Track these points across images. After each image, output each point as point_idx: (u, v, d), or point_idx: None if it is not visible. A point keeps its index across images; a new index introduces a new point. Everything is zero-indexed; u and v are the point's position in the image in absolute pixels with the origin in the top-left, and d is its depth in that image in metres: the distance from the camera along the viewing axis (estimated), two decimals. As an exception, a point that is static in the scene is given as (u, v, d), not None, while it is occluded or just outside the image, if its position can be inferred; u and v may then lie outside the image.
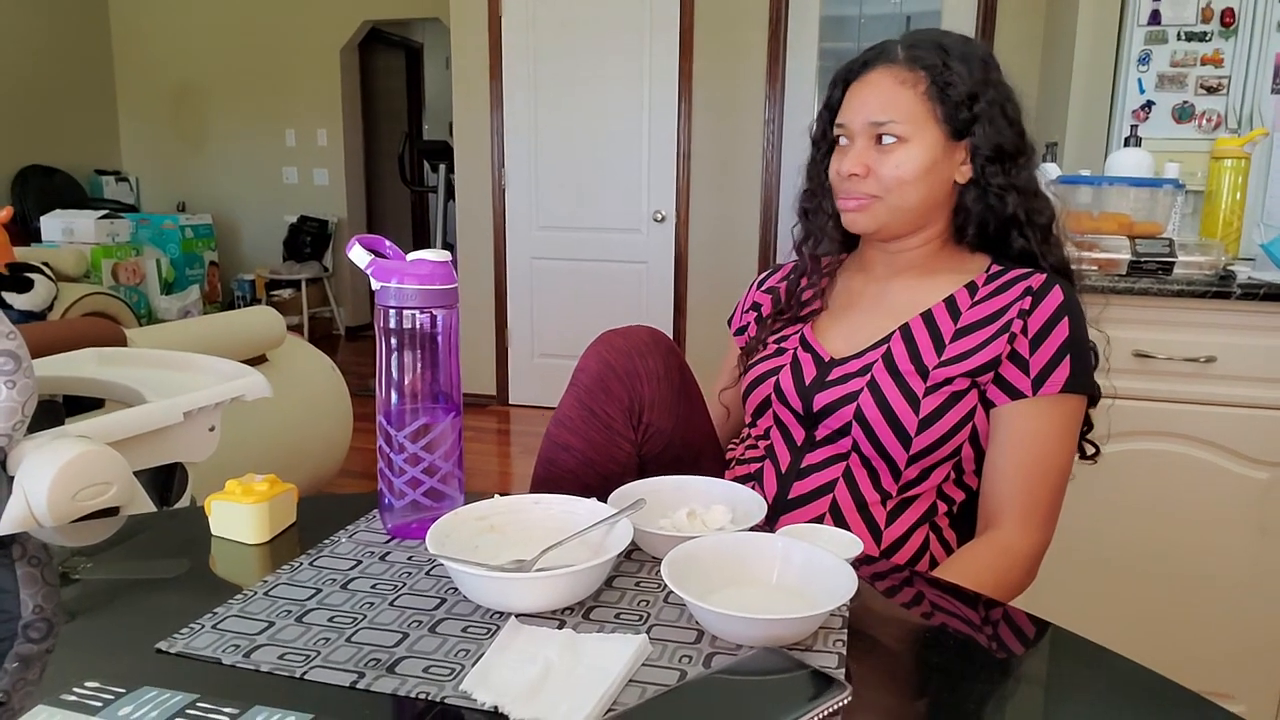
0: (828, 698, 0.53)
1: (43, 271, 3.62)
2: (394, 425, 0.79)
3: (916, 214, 1.02)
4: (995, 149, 0.99)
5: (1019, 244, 1.02)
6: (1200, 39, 2.92)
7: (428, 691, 0.56)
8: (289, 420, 2.48)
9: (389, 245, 0.80)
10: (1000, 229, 1.03)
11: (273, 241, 6.11)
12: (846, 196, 1.03)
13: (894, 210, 1.01)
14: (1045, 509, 0.97)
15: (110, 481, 1.17)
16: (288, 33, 5.90)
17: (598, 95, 4.05)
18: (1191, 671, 1.57)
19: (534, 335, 4.35)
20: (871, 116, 0.99)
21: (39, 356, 1.60)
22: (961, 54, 0.99)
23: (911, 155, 0.98)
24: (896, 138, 0.98)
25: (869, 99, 1.00)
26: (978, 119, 0.98)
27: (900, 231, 1.04)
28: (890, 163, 0.99)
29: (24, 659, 0.60)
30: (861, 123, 1.00)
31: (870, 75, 1.01)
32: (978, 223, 1.03)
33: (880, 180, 0.99)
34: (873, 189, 1.00)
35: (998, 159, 0.99)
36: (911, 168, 0.98)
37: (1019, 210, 1.01)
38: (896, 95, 0.98)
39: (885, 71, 1.00)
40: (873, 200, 1.00)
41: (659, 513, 0.82)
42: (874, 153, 0.99)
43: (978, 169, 1.00)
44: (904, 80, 0.98)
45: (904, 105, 0.98)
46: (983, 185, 1.00)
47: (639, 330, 1.04)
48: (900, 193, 0.99)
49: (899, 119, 0.98)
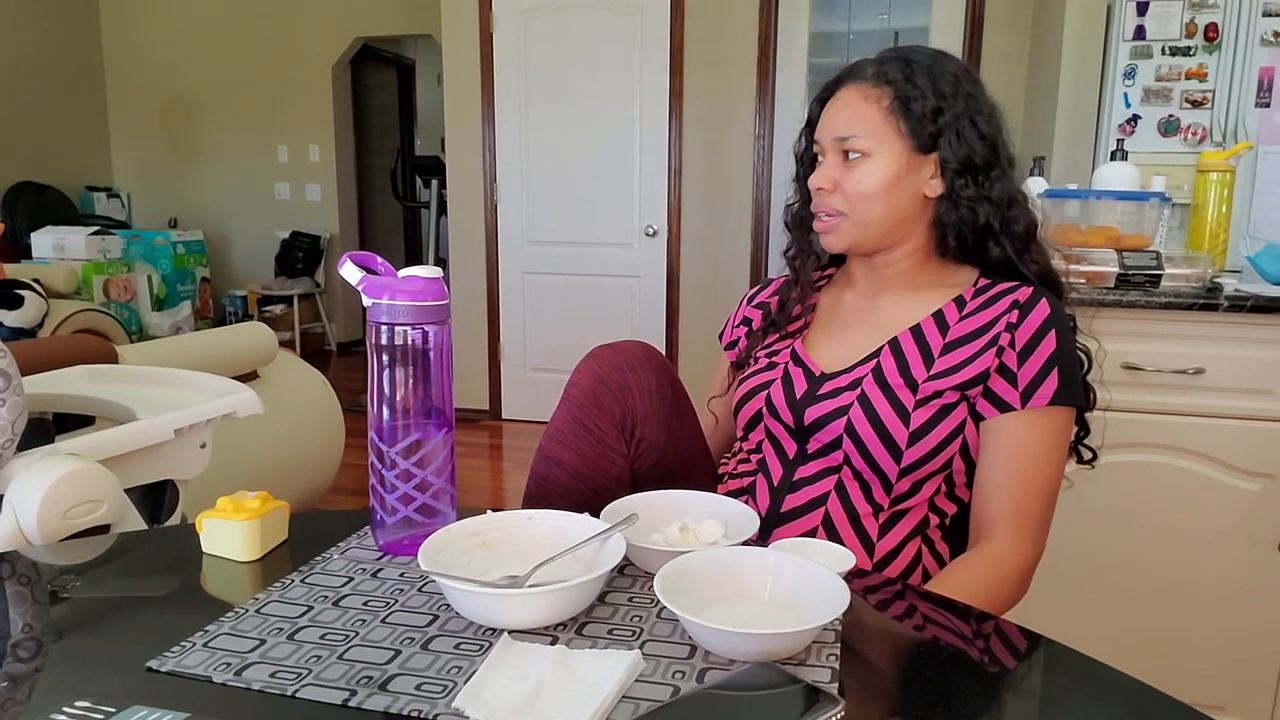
0: (821, 712, 0.53)
1: (33, 288, 3.61)
2: (386, 441, 0.79)
3: (885, 229, 1.03)
4: (963, 161, 1.00)
5: (996, 253, 1.03)
6: (1184, 53, 2.95)
7: (420, 709, 0.56)
8: (281, 437, 2.47)
9: (380, 262, 0.81)
10: (977, 239, 1.04)
11: (265, 257, 6.11)
12: (817, 213, 1.05)
13: (860, 226, 1.02)
14: (1036, 521, 0.98)
15: (101, 499, 1.17)
16: (280, 49, 5.92)
17: (589, 111, 4.08)
18: (1184, 683, 1.58)
19: (526, 350, 4.35)
20: (836, 132, 1.02)
21: (30, 374, 1.60)
22: (928, 69, 1.00)
23: (874, 169, 1.00)
24: (860, 153, 1.00)
25: (835, 116, 1.03)
26: (943, 132, 1.00)
27: (874, 247, 1.05)
28: (853, 177, 1.01)
29: (13, 679, 0.59)
30: (829, 139, 1.03)
31: (840, 93, 1.04)
32: (955, 234, 1.04)
33: (845, 195, 1.02)
34: (839, 204, 1.02)
35: (967, 171, 1.00)
36: (872, 182, 1.00)
37: (992, 220, 1.01)
38: (860, 111, 1.00)
39: (853, 88, 1.02)
40: (840, 218, 1.03)
41: (651, 527, 0.82)
42: (841, 168, 1.02)
43: (948, 182, 1.01)
44: (868, 96, 1.01)
45: (867, 120, 1.00)
46: (953, 198, 1.02)
47: (631, 345, 1.04)
48: (863, 207, 1.01)
49: (861, 134, 1.00)
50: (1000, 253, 1.03)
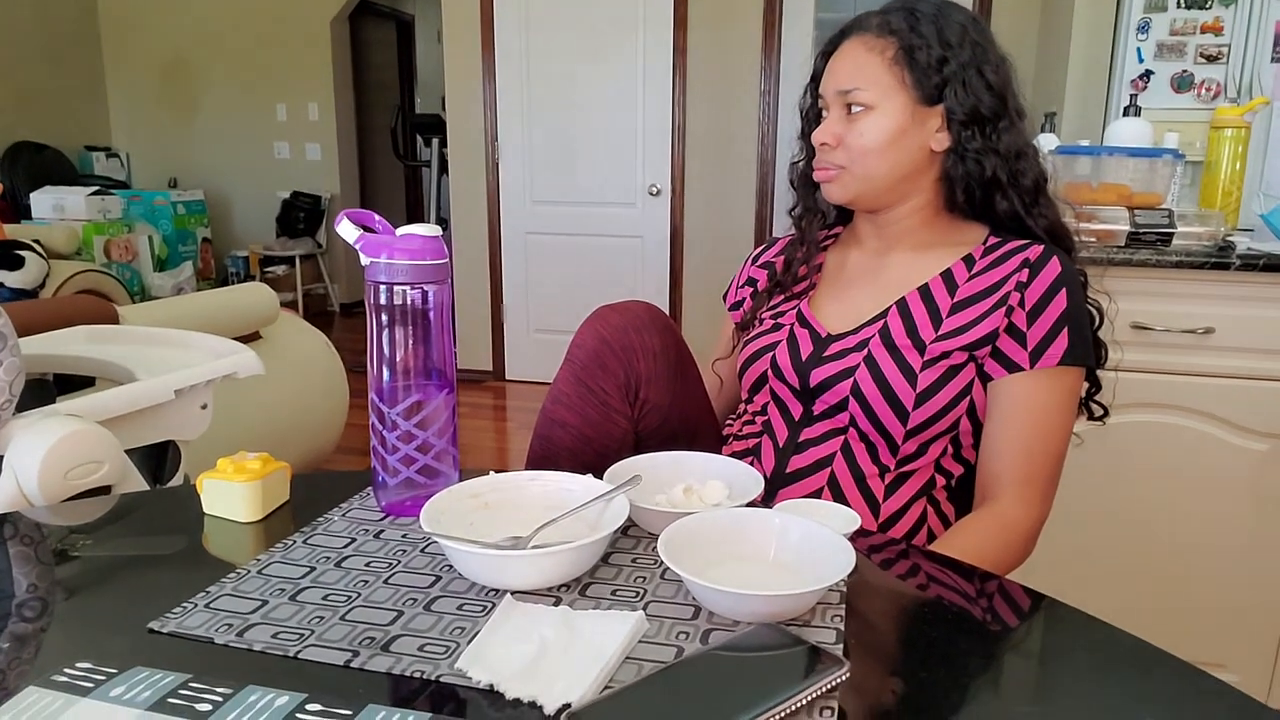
0: (826, 673, 0.53)
1: (34, 249, 3.60)
2: (386, 402, 0.79)
3: (889, 183, 1.01)
4: (970, 112, 0.97)
5: (1003, 206, 1.01)
6: (1200, 7, 2.89)
7: (423, 670, 0.55)
8: (283, 397, 2.47)
9: (378, 220, 0.79)
10: (984, 193, 1.02)
11: (266, 217, 6.07)
12: (819, 167, 1.03)
13: (863, 180, 1.00)
14: (1043, 481, 0.97)
15: (101, 460, 1.17)
16: (277, 5, 5.82)
17: (591, 67, 4.01)
18: (1186, 641, 1.58)
19: (529, 310, 4.34)
20: (839, 85, 0.99)
21: (30, 334, 1.59)
22: (933, 18, 0.97)
23: (876, 123, 0.98)
24: (863, 106, 0.98)
25: (838, 68, 1.00)
26: (948, 82, 0.97)
27: (879, 203, 1.03)
28: (855, 130, 0.99)
29: (17, 638, 0.59)
30: (832, 92, 1.01)
31: (844, 45, 1.01)
32: (963, 189, 1.02)
33: (848, 150, 1.00)
34: (841, 159, 1.01)
35: (973, 122, 0.98)
36: (875, 135, 0.98)
37: (999, 173, 0.99)
38: (864, 63, 0.98)
39: (857, 40, 1.00)
40: (841, 170, 1.01)
41: (655, 489, 0.82)
42: (844, 122, 1.00)
43: (954, 134, 0.99)
44: (872, 47, 0.98)
45: (870, 72, 0.98)
46: (960, 151, 0.99)
47: (635, 305, 1.03)
48: (864, 162, 0.99)
49: (864, 86, 0.97)
50: (1007, 206, 1.01)
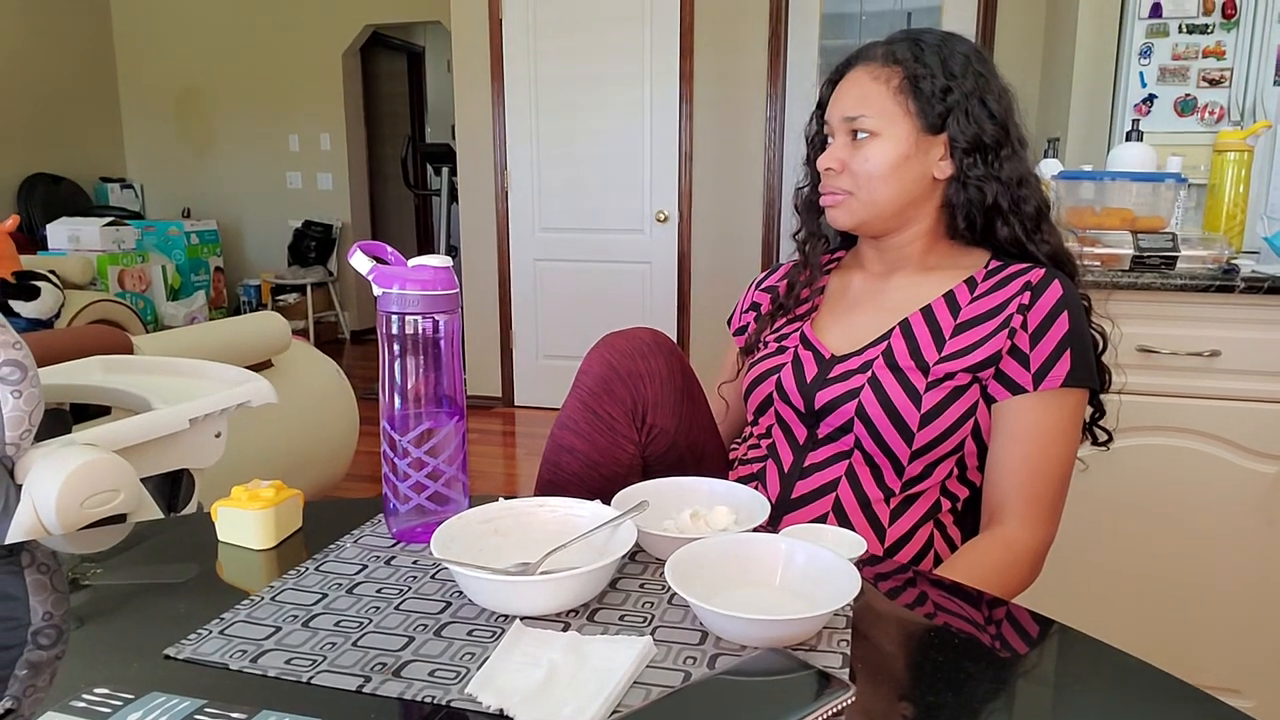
0: (831, 698, 0.53)
1: (49, 279, 3.64)
2: (398, 430, 0.80)
3: (893, 209, 1.02)
4: (972, 140, 0.99)
5: (1004, 233, 1.03)
6: (1202, 31, 2.91)
7: (434, 695, 0.56)
8: (295, 425, 2.49)
9: (391, 251, 0.81)
10: (986, 219, 1.03)
11: (277, 246, 6.13)
12: (825, 192, 1.06)
13: (868, 206, 1.02)
14: (1049, 504, 0.97)
15: (117, 489, 1.18)
16: (290, 38, 5.92)
17: (599, 96, 4.06)
18: (1199, 667, 1.57)
19: (538, 337, 4.36)
20: (845, 112, 1.02)
21: (46, 365, 1.61)
22: (937, 48, 1.00)
23: (881, 150, 1.00)
24: (869, 133, 1.00)
25: (844, 96, 1.03)
26: (951, 111, 0.99)
27: (883, 228, 1.05)
28: (860, 157, 1.01)
29: (33, 666, 0.60)
30: (838, 119, 1.03)
31: (850, 74, 1.04)
32: (964, 215, 1.03)
33: (853, 175, 1.02)
34: (847, 184, 1.03)
35: (976, 150, 1.00)
36: (880, 162, 1.00)
37: (1001, 199, 1.01)
38: (869, 91, 1.01)
39: (863, 69, 1.03)
40: (847, 196, 1.03)
41: (662, 514, 0.82)
42: (849, 149, 1.02)
43: (957, 161, 1.01)
44: (877, 76, 1.01)
45: (876, 101, 1.00)
46: (962, 178, 1.01)
47: (641, 332, 1.04)
48: (870, 187, 1.01)
49: (870, 114, 1.00)
50: (1009, 233, 1.02)
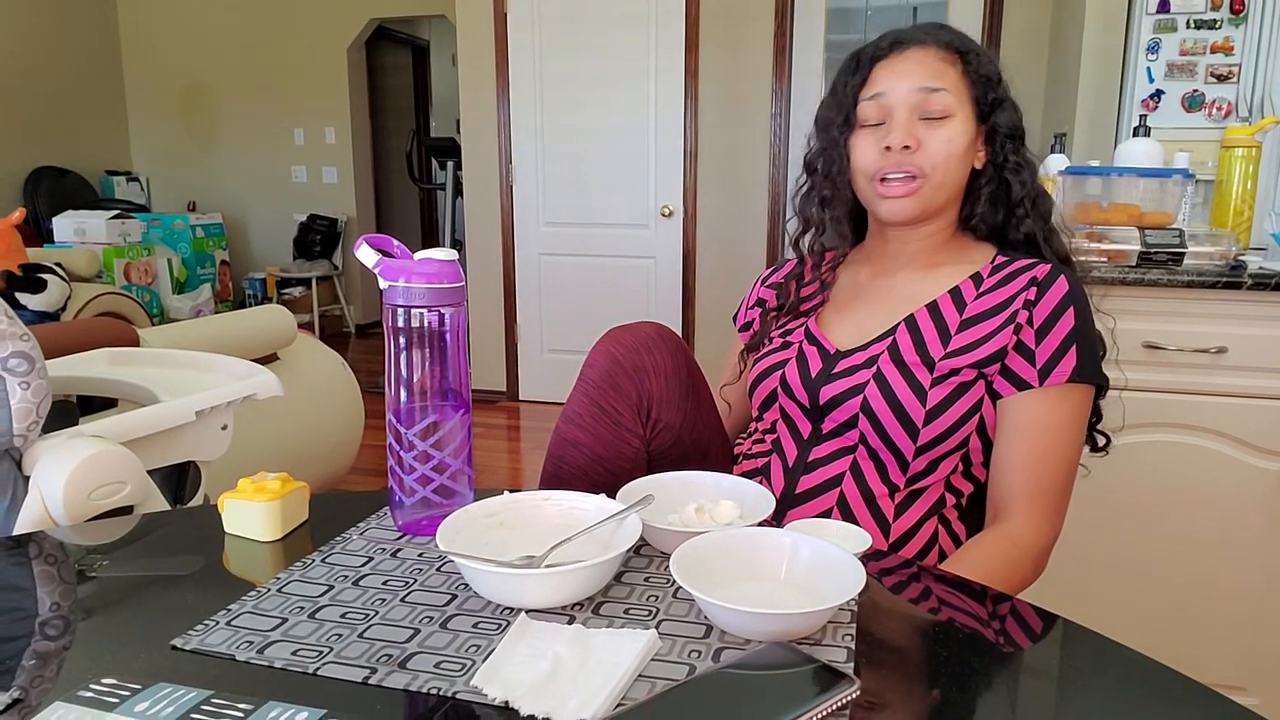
0: (836, 692, 0.53)
1: (56, 272, 3.65)
2: (403, 423, 0.80)
3: (949, 196, 1.02)
4: (1014, 129, 1.01)
5: (1025, 227, 1.03)
6: (1210, 27, 2.90)
7: (439, 687, 0.56)
8: (301, 418, 2.50)
9: (396, 244, 0.81)
10: (1008, 212, 1.04)
11: (283, 240, 6.14)
12: (893, 177, 0.99)
13: (938, 188, 1.00)
14: (1054, 500, 0.97)
15: (124, 480, 1.19)
16: (295, 32, 5.92)
17: (603, 90, 4.05)
18: (1203, 664, 1.57)
19: (543, 331, 4.36)
20: (922, 82, 0.97)
21: (53, 357, 1.62)
22: (973, 39, 1.02)
23: (960, 131, 0.98)
24: (944, 112, 0.97)
25: (912, 69, 0.98)
26: (1001, 102, 1.00)
27: (930, 217, 1.04)
28: (941, 136, 0.97)
29: (41, 656, 0.61)
30: (907, 89, 0.97)
31: (908, 52, 0.99)
32: (988, 206, 1.04)
33: (928, 155, 0.97)
34: (921, 164, 0.98)
35: (1016, 137, 1.02)
36: (960, 144, 0.98)
37: (1029, 192, 1.02)
38: (943, 69, 0.98)
39: (926, 49, 0.99)
40: (920, 181, 0.98)
41: (667, 508, 0.83)
42: (920, 126, 0.98)
43: (996, 148, 1.01)
44: (944, 58, 0.99)
45: (951, 79, 0.98)
46: (999, 162, 1.02)
47: (646, 326, 1.04)
48: (946, 169, 0.99)
49: (949, 89, 0.98)
50: (1029, 229, 1.03)
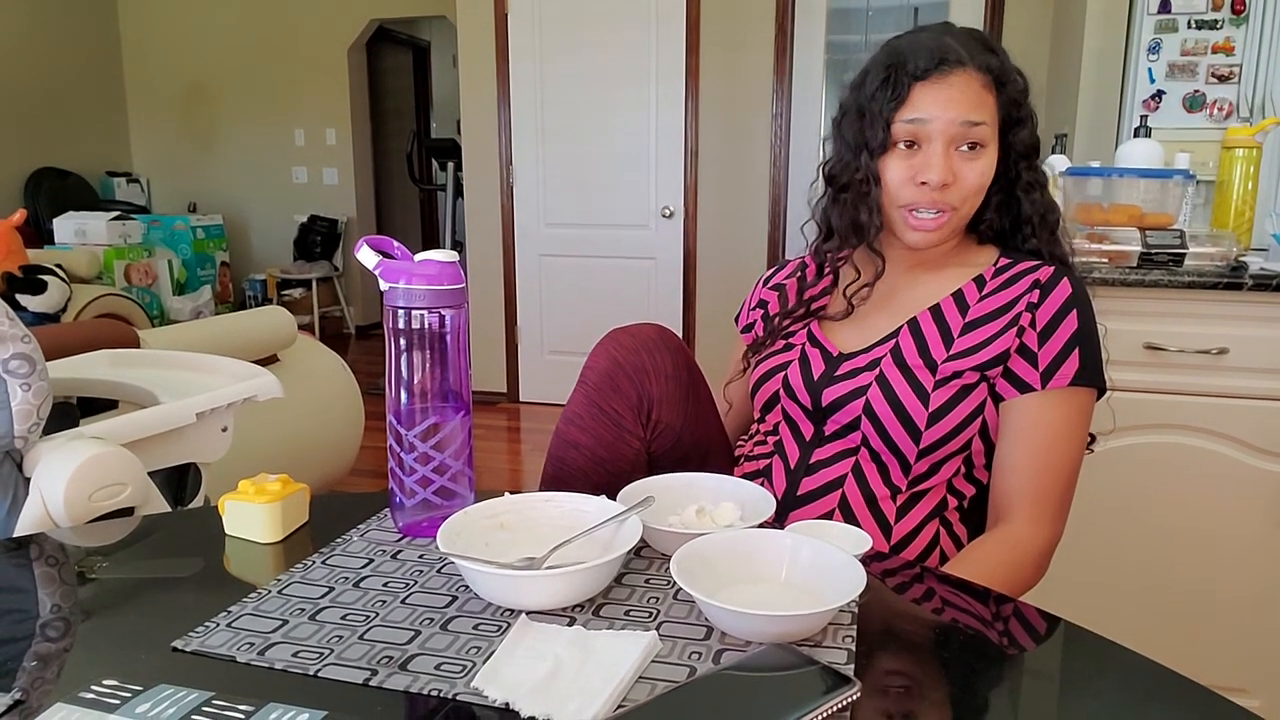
0: (837, 693, 0.53)
1: (56, 273, 3.65)
2: (404, 424, 0.80)
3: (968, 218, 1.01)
4: (1031, 146, 1.00)
5: (1030, 245, 1.03)
6: (1211, 27, 2.90)
7: (439, 688, 0.56)
8: (301, 420, 2.50)
9: (397, 246, 0.81)
10: (1014, 224, 1.04)
11: (283, 241, 6.14)
12: (921, 208, 0.97)
13: (963, 219, 0.99)
14: (1056, 502, 0.97)
15: (125, 482, 1.19)
16: (295, 33, 5.92)
17: (604, 91, 4.05)
18: (1205, 666, 1.57)
19: (544, 332, 4.36)
20: (965, 115, 0.93)
21: (53, 359, 1.62)
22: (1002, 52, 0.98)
23: (991, 161, 0.97)
24: (980, 144, 0.95)
25: (956, 99, 0.93)
26: (1024, 121, 0.98)
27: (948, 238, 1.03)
28: (976, 169, 0.95)
29: (42, 658, 0.61)
30: (949, 120, 0.93)
31: (951, 77, 0.94)
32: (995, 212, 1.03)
33: (962, 190, 0.95)
34: (954, 200, 0.96)
35: (1029, 154, 1.00)
36: (990, 175, 0.97)
37: (1039, 209, 1.01)
38: (984, 99, 0.94)
39: (966, 75, 0.94)
40: (950, 214, 0.96)
41: (668, 510, 0.83)
42: (955, 158, 0.95)
43: (1010, 164, 1.00)
44: (985, 85, 0.95)
45: (989, 109, 0.95)
46: (1011, 177, 1.00)
47: (647, 328, 1.04)
48: (973, 202, 0.98)
49: (988, 121, 0.95)
50: (1035, 245, 1.03)
